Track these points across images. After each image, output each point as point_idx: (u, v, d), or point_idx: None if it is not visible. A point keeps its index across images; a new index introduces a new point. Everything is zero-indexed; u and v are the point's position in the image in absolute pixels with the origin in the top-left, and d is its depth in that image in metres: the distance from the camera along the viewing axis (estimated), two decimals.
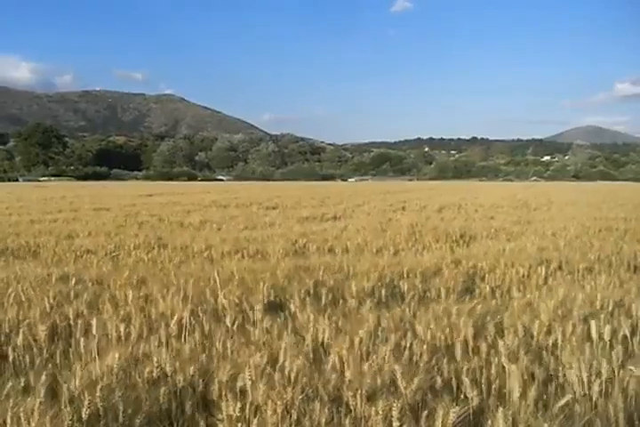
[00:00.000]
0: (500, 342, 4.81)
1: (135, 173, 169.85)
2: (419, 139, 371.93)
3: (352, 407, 3.76)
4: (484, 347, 4.83)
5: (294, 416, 3.59)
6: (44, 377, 3.74)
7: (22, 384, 3.83)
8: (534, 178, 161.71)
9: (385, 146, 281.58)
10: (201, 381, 4.27)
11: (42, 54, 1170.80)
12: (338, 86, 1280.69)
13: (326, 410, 3.58)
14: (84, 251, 11.42)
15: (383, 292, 7.18)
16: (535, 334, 5.38)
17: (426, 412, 3.63)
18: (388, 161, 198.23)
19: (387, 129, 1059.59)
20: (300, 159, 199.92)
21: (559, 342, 5.22)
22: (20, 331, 5.32)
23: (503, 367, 4.30)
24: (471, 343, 5.03)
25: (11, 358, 5.08)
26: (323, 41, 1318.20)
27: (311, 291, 7.01)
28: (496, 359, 4.52)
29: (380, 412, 3.45)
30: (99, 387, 3.70)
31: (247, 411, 3.60)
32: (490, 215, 20.93)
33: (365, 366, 4.11)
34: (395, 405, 3.44)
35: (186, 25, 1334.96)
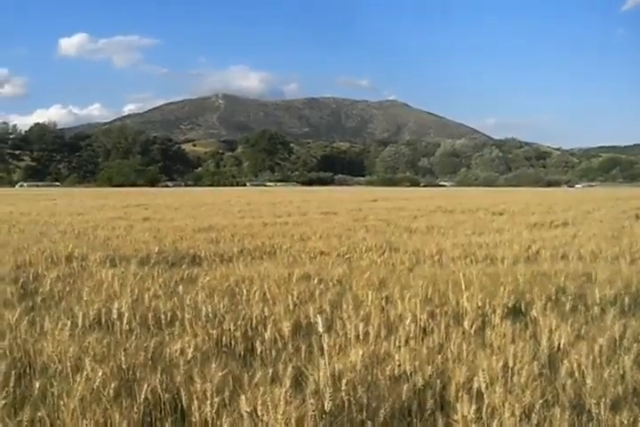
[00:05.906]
0: None
1: (358, 178, 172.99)
2: None
3: (594, 415, 3.72)
4: None
5: (534, 421, 3.61)
6: (290, 369, 4.02)
7: (270, 375, 4.12)
8: None
9: (614, 150, 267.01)
10: (438, 381, 4.37)
11: (270, 64, 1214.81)
12: (563, 89, 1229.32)
13: (567, 416, 3.56)
14: (318, 252, 11.86)
15: (626, 300, 6.98)
16: None
17: None
18: (618, 166, 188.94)
19: (617, 132, 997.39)
20: (525, 165, 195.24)
21: None
22: (268, 326, 5.70)
23: None
24: None
25: (259, 350, 5.47)
26: (546, 44, 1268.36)
27: (552, 297, 6.95)
28: None
29: (629, 421, 3.40)
30: (344, 381, 3.92)
31: (483, 413, 3.66)
32: None
33: (606, 374, 4.05)
34: None
35: (408, 30, 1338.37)
